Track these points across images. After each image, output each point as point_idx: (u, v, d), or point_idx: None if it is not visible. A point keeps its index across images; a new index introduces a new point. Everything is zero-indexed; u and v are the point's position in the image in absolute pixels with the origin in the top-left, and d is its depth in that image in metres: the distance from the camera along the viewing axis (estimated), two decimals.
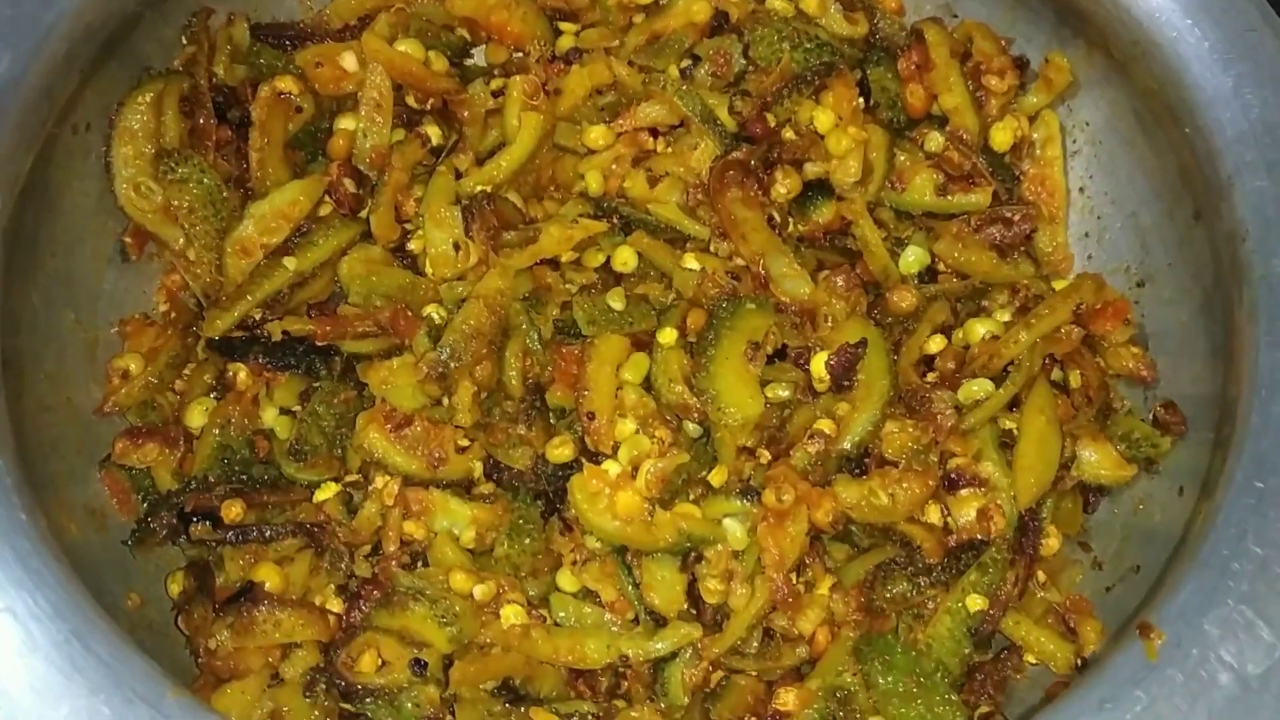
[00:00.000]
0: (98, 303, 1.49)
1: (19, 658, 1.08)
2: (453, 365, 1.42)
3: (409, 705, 1.31)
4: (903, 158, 1.60)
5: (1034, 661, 1.39)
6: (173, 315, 1.54)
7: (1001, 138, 1.62)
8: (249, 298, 1.48)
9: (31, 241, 1.38)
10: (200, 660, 1.33)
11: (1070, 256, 1.63)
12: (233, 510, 1.38)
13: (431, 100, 1.62)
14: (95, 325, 1.48)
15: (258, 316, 1.50)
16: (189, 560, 1.42)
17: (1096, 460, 1.45)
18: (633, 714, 1.35)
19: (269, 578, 1.36)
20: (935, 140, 1.60)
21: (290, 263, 1.49)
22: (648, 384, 1.45)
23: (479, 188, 1.55)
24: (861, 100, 1.62)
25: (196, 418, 1.47)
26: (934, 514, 1.41)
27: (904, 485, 1.39)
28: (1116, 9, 1.46)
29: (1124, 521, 1.47)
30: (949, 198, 1.59)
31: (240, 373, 1.48)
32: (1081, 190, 1.64)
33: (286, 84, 1.56)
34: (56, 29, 1.34)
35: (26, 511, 1.15)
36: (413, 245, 1.54)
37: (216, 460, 1.44)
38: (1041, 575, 1.44)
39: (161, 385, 1.49)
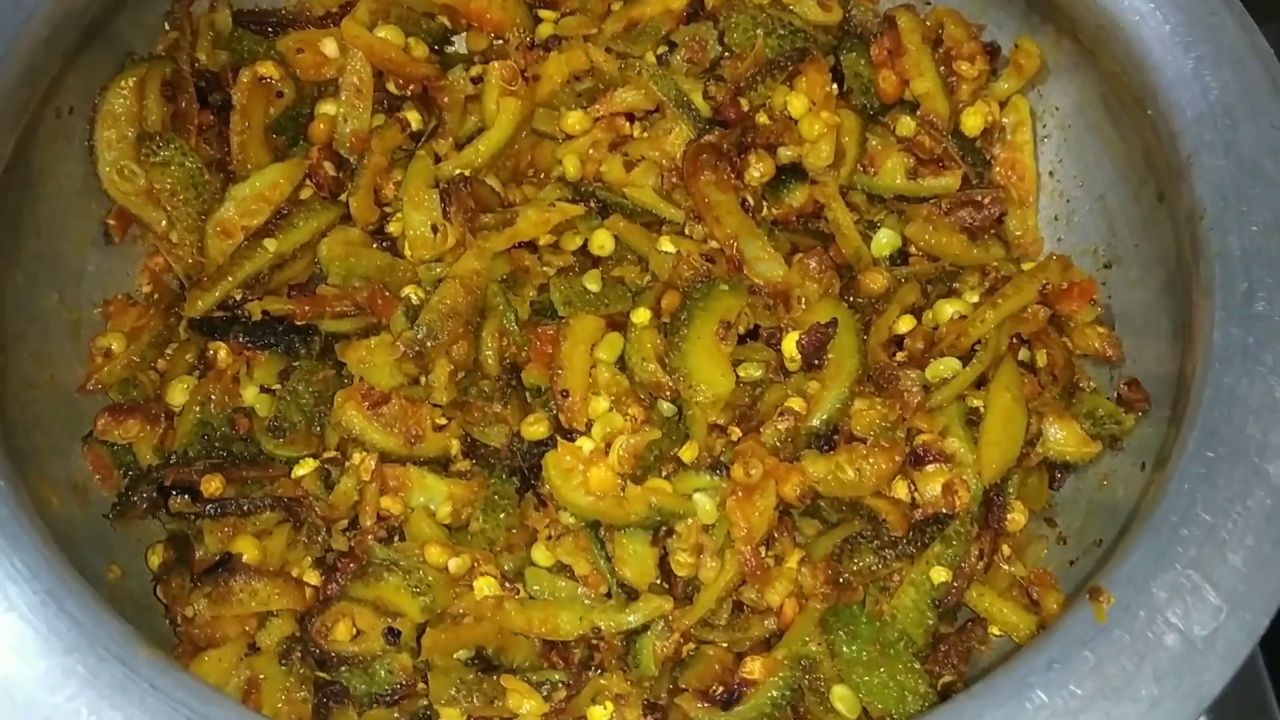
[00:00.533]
0: (81, 283, 1.52)
1: None
2: (430, 344, 1.44)
3: (382, 673, 1.33)
4: (874, 142, 1.62)
5: (998, 633, 1.41)
6: (155, 296, 1.57)
7: (972, 122, 1.64)
8: (230, 278, 1.50)
9: (15, 223, 1.41)
10: (178, 629, 1.36)
11: (1040, 239, 1.65)
12: (212, 485, 1.40)
13: (411, 86, 1.65)
14: (79, 305, 1.51)
15: (238, 297, 1.51)
16: (169, 533, 1.45)
17: (1062, 437, 1.47)
18: (603, 683, 1.37)
19: (247, 550, 1.39)
20: (907, 125, 1.62)
21: (270, 244, 1.52)
22: (622, 363, 1.47)
23: (457, 171, 1.58)
24: (834, 86, 1.64)
25: (178, 395, 1.50)
26: (900, 489, 1.43)
27: (871, 460, 1.41)
28: None
29: (1088, 497, 1.49)
30: (920, 181, 1.61)
31: (221, 351, 1.51)
32: (1051, 174, 1.66)
33: (268, 69, 1.58)
34: (38, 12, 1.36)
35: (6, 480, 1.18)
36: (391, 228, 1.56)
37: (197, 436, 1.46)
38: (1007, 549, 1.46)
39: (144, 364, 1.51)
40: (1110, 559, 1.20)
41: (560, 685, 1.37)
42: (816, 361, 1.48)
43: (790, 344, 1.48)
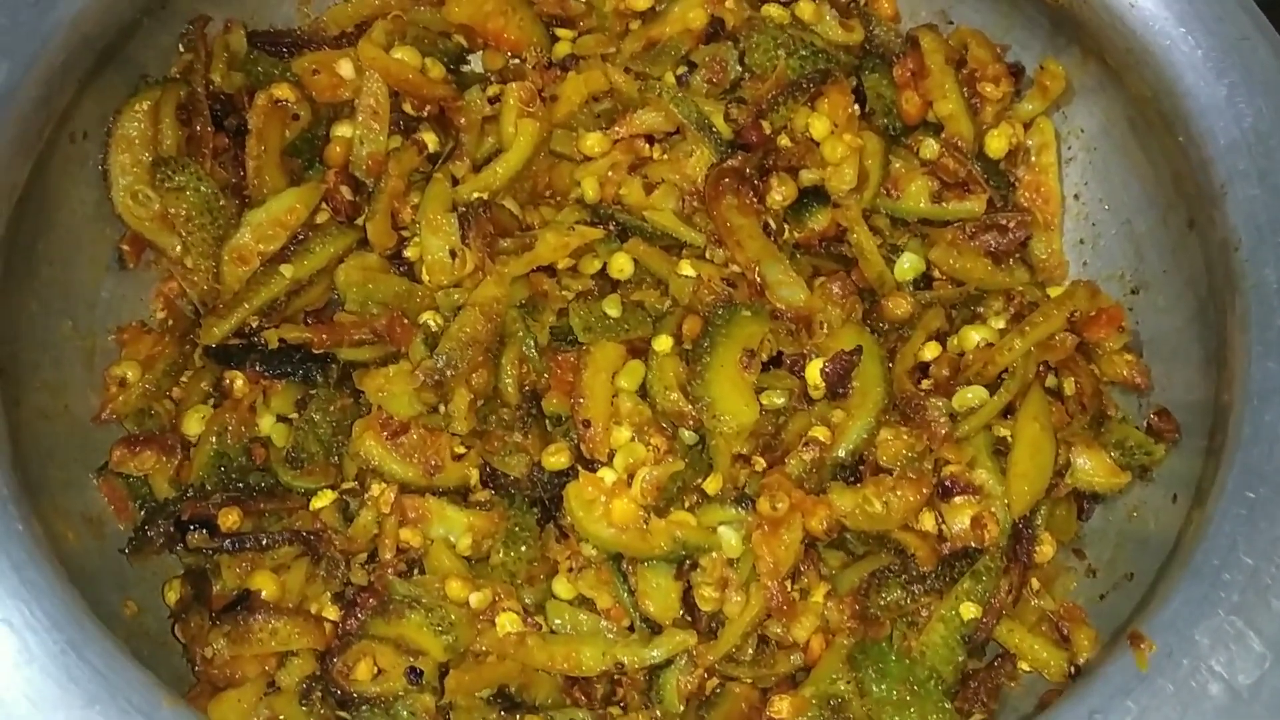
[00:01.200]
0: (95, 310, 1.49)
1: (15, 669, 1.08)
2: (449, 373, 1.42)
3: (405, 714, 1.31)
4: (898, 165, 1.60)
5: (1028, 669, 1.39)
6: (170, 323, 1.54)
7: (996, 145, 1.62)
8: (246, 305, 1.48)
9: (29, 249, 1.39)
10: (196, 669, 1.33)
11: (1065, 263, 1.63)
12: (229, 518, 1.38)
13: (428, 107, 1.63)
14: (93, 333, 1.48)
15: (255, 324, 1.49)
16: (186, 568, 1.43)
17: (1090, 468, 1.45)
18: None
19: (265, 586, 1.37)
20: (930, 147, 1.60)
21: (287, 270, 1.50)
22: (643, 391, 1.45)
23: (475, 195, 1.55)
24: (857, 107, 1.62)
25: (193, 425, 1.48)
26: (928, 521, 1.41)
27: (898, 493, 1.39)
28: (1110, 17, 1.46)
29: (1118, 529, 1.47)
30: (944, 205, 1.59)
31: (237, 380, 1.48)
32: (1076, 197, 1.64)
33: (283, 91, 1.56)
34: (54, 38, 1.34)
35: (23, 522, 1.16)
36: (409, 253, 1.54)
37: (213, 468, 1.44)
38: (1036, 583, 1.44)
39: (159, 393, 1.49)
40: (1150, 602, 1.18)
41: None
42: (841, 390, 1.45)
43: (814, 371, 1.46)
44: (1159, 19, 1.42)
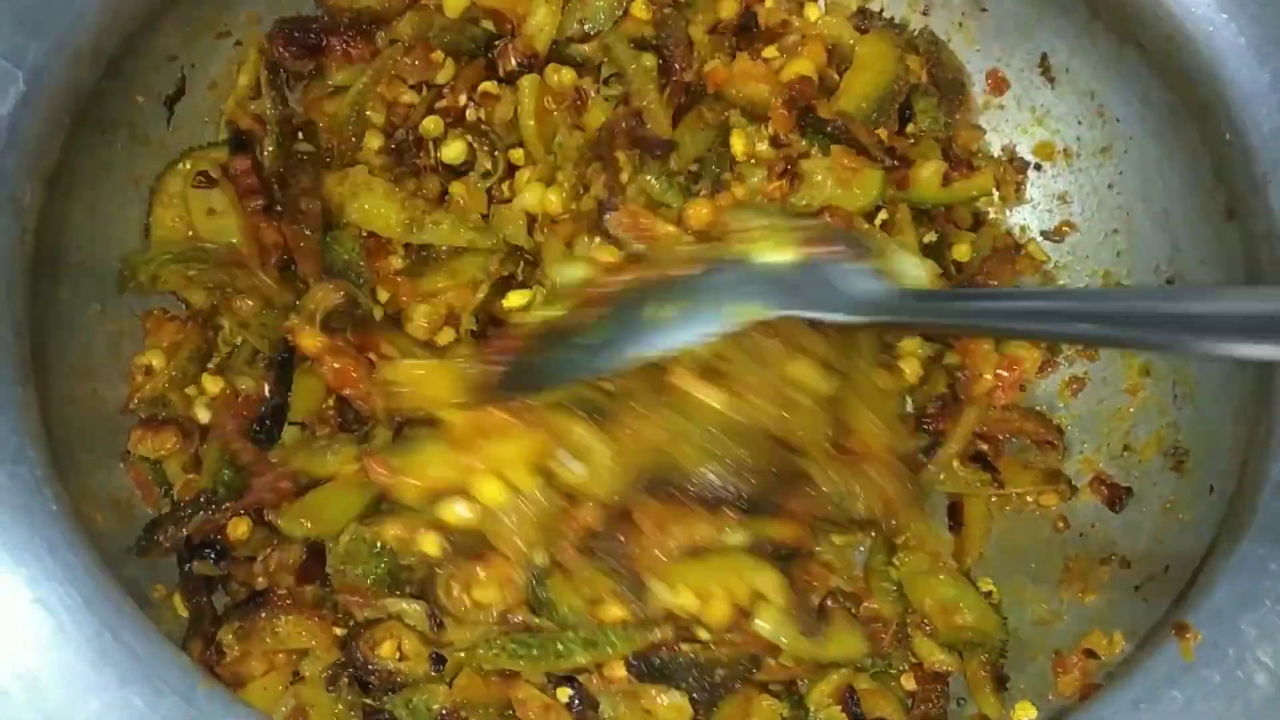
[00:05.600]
0: (123, 295, 1.47)
1: (50, 650, 1.07)
2: None
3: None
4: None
5: None
6: (195, 309, 1.52)
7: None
8: None
9: (58, 233, 1.37)
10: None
11: None
12: (239, 529, 1.36)
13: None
14: (120, 317, 1.47)
15: None
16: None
17: None
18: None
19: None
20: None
21: None
22: None
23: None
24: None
25: (203, 413, 1.45)
26: None
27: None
28: (1151, 2, 1.43)
29: (1152, 521, 1.45)
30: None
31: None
32: (1110, 187, 1.62)
33: None
34: (84, 21, 1.32)
35: (57, 502, 1.14)
36: None
37: (223, 467, 1.40)
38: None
39: (185, 379, 1.47)
40: (1193, 593, 1.17)
41: None
42: None
43: None
44: (1201, 4, 1.39)
